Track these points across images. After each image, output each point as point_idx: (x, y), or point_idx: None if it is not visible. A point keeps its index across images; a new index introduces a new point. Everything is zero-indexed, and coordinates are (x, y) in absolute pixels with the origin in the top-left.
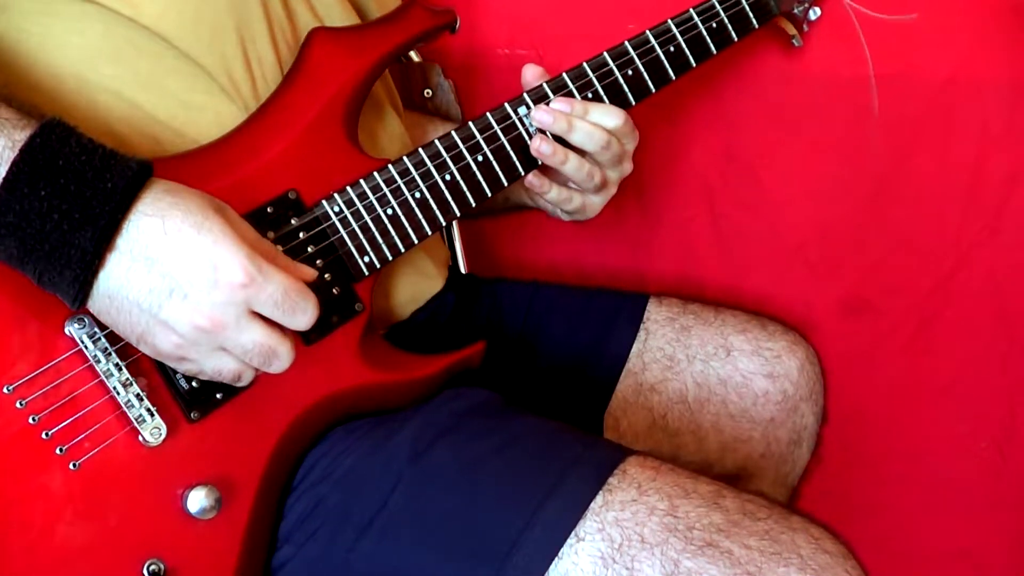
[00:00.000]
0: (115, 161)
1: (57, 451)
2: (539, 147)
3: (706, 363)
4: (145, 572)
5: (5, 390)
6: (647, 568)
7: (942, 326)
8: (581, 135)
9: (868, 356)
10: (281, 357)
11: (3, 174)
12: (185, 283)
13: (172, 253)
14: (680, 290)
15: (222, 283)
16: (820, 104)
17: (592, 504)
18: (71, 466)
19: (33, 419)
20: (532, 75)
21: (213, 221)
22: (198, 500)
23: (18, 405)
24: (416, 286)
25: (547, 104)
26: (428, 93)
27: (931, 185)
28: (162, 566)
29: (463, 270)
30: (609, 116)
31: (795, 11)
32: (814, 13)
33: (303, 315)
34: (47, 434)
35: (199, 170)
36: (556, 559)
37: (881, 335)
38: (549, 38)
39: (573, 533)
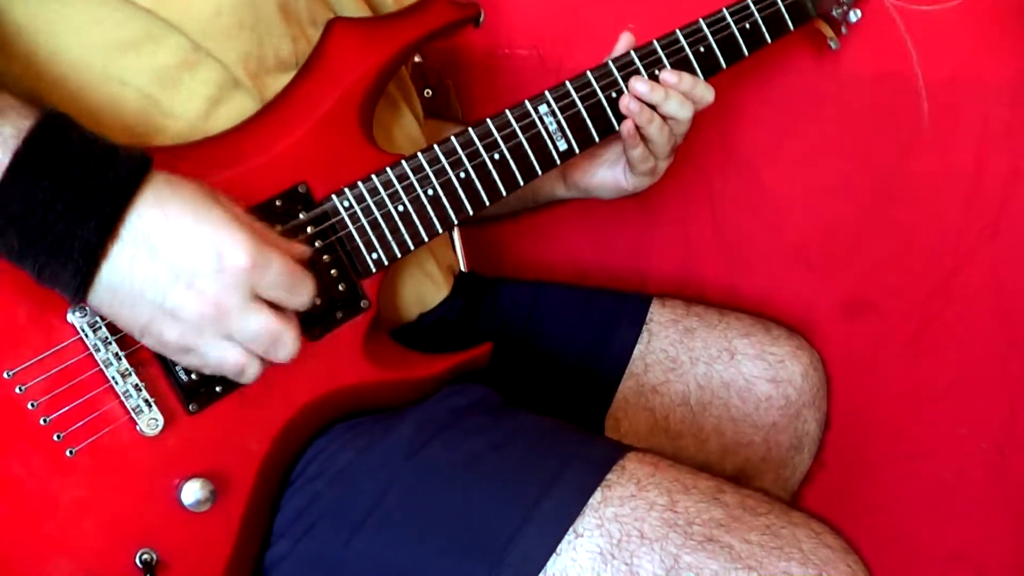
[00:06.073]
0: (116, 153)
1: (55, 437)
2: (628, 104)
3: (709, 366)
4: (137, 561)
5: (6, 375)
6: (647, 563)
7: (943, 326)
8: (674, 104)
9: (869, 356)
10: (287, 343)
11: (7, 164)
12: (189, 270)
13: (175, 242)
14: (681, 290)
15: (227, 268)
16: (820, 105)
17: (591, 500)
18: (68, 453)
19: (32, 405)
20: (625, 43)
21: (210, 208)
22: (192, 492)
23: (18, 390)
24: (422, 288)
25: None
26: (428, 93)
27: (932, 185)
28: (154, 556)
29: (463, 268)
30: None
31: (834, 13)
32: (855, 15)
33: (302, 293)
34: (45, 420)
35: (209, 159)
36: (554, 555)
37: (882, 335)
38: (549, 38)
39: (571, 529)
